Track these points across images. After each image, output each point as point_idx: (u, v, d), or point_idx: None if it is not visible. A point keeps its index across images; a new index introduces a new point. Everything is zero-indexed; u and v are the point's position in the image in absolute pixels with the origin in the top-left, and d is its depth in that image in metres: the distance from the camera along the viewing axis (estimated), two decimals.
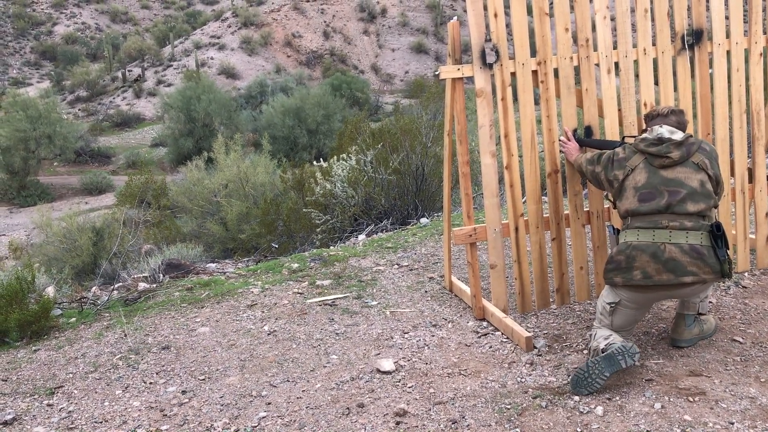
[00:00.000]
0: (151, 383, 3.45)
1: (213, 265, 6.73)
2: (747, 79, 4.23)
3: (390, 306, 4.27)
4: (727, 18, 4.12)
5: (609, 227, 3.64)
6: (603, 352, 3.09)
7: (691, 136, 3.37)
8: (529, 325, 3.82)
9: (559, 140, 3.94)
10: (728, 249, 3.22)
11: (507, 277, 4.12)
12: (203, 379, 3.45)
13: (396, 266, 5.08)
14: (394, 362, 3.44)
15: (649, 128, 3.42)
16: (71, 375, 3.62)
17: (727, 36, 4.15)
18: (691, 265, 3.12)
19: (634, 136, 3.92)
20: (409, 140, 8.06)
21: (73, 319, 4.45)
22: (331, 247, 6.24)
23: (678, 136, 3.31)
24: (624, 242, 3.27)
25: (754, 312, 3.75)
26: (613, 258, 3.29)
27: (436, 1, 59.39)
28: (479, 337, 3.72)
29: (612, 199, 3.56)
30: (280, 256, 6.99)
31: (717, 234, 3.18)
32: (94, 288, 5.81)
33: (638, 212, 3.25)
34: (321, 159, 10.27)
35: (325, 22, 55.23)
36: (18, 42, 64.00)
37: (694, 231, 3.17)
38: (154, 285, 5.14)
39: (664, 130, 3.33)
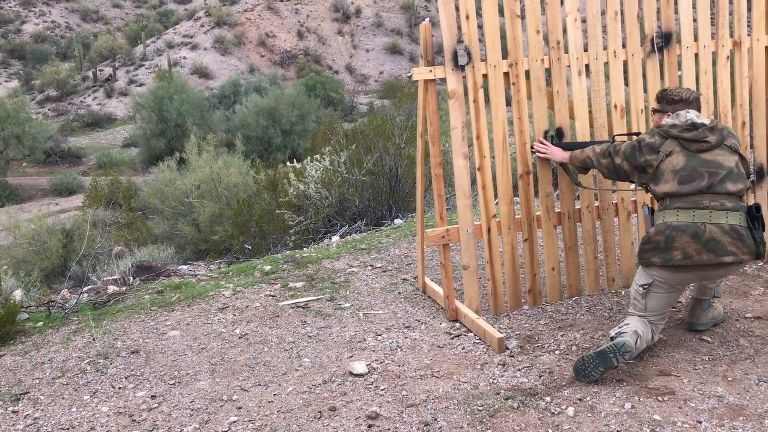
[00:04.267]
0: (119, 388, 3.40)
1: (185, 267, 6.66)
2: (714, 81, 4.29)
3: (363, 308, 4.25)
4: (695, 21, 4.18)
5: (645, 207, 3.63)
6: (611, 340, 3.19)
7: (716, 120, 3.44)
8: (501, 326, 3.83)
9: (536, 148, 3.95)
10: (764, 231, 3.28)
11: (480, 278, 4.13)
12: (173, 384, 3.40)
13: (369, 268, 5.07)
14: (367, 365, 3.43)
15: (669, 113, 3.44)
16: (37, 380, 3.54)
17: (695, 39, 4.20)
18: (731, 245, 3.16)
19: (624, 134, 3.98)
20: (383, 141, 8.06)
21: (41, 323, 4.36)
22: (305, 249, 6.21)
23: (705, 120, 3.36)
24: (663, 222, 3.28)
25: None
26: (651, 238, 3.29)
27: (410, 1, 59.51)
28: (452, 338, 3.72)
29: (642, 185, 3.56)
30: (253, 258, 6.93)
31: (755, 215, 3.24)
32: (63, 291, 5.71)
33: (679, 194, 3.27)
34: (295, 160, 10.24)
35: (299, 21, 55.03)
36: None
37: (734, 211, 3.21)
38: (124, 288, 5.06)
39: (693, 116, 3.36)
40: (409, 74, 3.87)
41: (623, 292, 4.18)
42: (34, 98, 44.29)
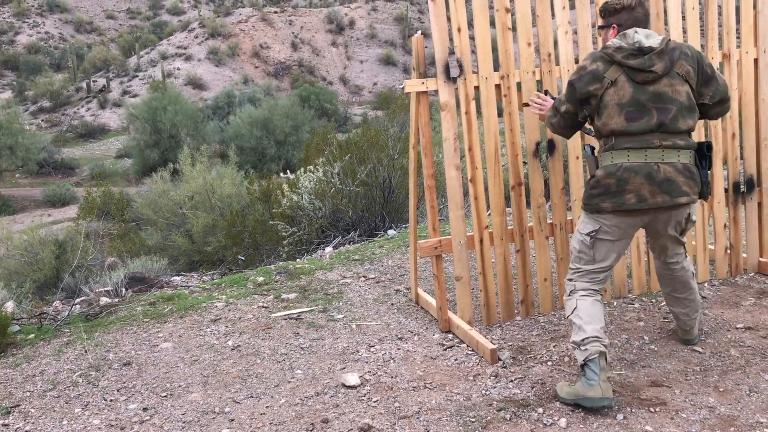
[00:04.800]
0: (111, 400, 3.38)
1: (178, 278, 6.64)
2: None
3: (356, 319, 4.25)
4: (684, 33, 4.21)
5: (586, 147, 3.35)
6: (581, 368, 2.96)
7: (669, 39, 3.11)
8: (494, 337, 3.83)
9: (532, 102, 3.64)
10: (710, 170, 3.18)
11: (472, 289, 4.13)
12: (165, 396, 3.39)
13: (363, 279, 5.07)
14: (360, 376, 3.43)
15: (615, 27, 3.18)
16: (29, 393, 3.53)
17: None
18: (685, 185, 3.01)
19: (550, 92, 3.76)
20: (377, 152, 8.08)
21: (32, 335, 4.34)
22: (298, 260, 6.21)
23: (655, 41, 3.04)
24: (612, 164, 3.05)
25: (713, 322, 3.82)
26: (600, 182, 3.06)
27: (403, 13, 59.80)
28: (445, 349, 3.72)
29: (585, 119, 3.26)
30: (246, 269, 6.92)
31: (706, 154, 3.08)
32: (55, 302, 5.69)
33: (626, 132, 3.02)
34: (288, 171, 10.24)
35: (293, 33, 55.21)
36: None
37: (686, 149, 3.04)
38: (117, 299, 5.05)
39: (641, 36, 3.05)
40: (401, 86, 3.89)
41: (615, 303, 4.19)
42: (28, 109, 44.24)
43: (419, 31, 4.01)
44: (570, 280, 3.24)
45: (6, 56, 61.12)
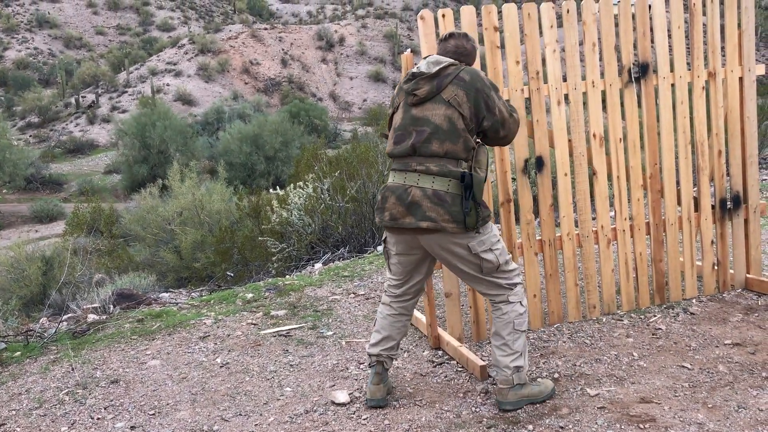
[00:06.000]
0: (98, 419, 3.35)
1: (166, 295, 6.61)
2: (691, 111, 4.37)
3: (346, 336, 4.24)
4: (671, 52, 4.27)
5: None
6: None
7: (453, 64, 3.07)
8: (484, 353, 3.83)
9: None
10: (476, 201, 2.97)
11: (462, 306, 4.13)
12: (153, 414, 3.36)
13: (352, 295, 5.06)
14: (349, 394, 3.41)
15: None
16: (14, 412, 3.48)
17: (672, 70, 4.29)
18: (431, 210, 2.95)
19: None
20: (366, 168, 8.10)
21: (18, 353, 4.30)
22: (287, 276, 6.19)
23: (431, 67, 3.04)
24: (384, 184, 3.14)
25: (701, 338, 3.83)
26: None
27: (393, 30, 60.18)
28: (434, 366, 3.71)
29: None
30: (235, 286, 6.90)
31: (469, 183, 2.95)
32: (42, 319, 5.64)
33: (392, 155, 3.11)
34: (278, 186, 10.23)
35: (283, 49, 55.41)
36: None
37: (441, 176, 2.97)
38: (104, 316, 5.01)
39: (424, 63, 3.09)
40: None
41: (604, 320, 4.20)
42: (16, 124, 44.08)
43: (408, 49, 4.04)
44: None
45: None
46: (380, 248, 6.96)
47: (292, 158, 28.40)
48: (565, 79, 4.10)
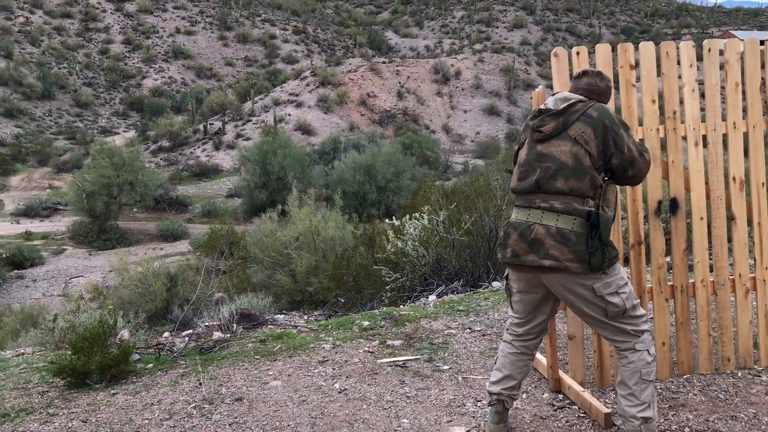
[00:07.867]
0: None
1: (281, 317, 6.80)
2: None
3: (462, 371, 4.20)
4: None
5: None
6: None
7: (582, 101, 3.05)
8: (607, 400, 3.68)
9: None
10: (603, 241, 2.91)
11: (585, 349, 4.01)
12: None
13: (468, 330, 5.02)
14: (467, 430, 3.37)
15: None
16: (147, 421, 3.68)
17: None
18: (554, 248, 2.90)
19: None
20: (483, 202, 8.05)
21: (151, 365, 4.55)
22: (402, 306, 6.22)
23: (558, 104, 3.03)
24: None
25: None
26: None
27: (509, 65, 59.98)
28: (555, 410, 3.61)
29: None
30: (349, 312, 7.01)
31: (595, 222, 2.89)
32: (165, 333, 5.95)
33: (515, 190, 3.11)
34: (392, 216, 10.36)
35: (399, 83, 56.44)
36: (109, 93, 67.99)
37: (565, 214, 2.92)
38: (228, 335, 5.22)
39: (552, 99, 3.08)
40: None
41: (739, 374, 3.94)
42: (149, 148, 47.16)
43: (540, 86, 4.02)
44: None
45: (133, 98, 65.83)
46: (495, 284, 6.87)
47: (402, 188, 28.76)
48: (703, 120, 3.94)
